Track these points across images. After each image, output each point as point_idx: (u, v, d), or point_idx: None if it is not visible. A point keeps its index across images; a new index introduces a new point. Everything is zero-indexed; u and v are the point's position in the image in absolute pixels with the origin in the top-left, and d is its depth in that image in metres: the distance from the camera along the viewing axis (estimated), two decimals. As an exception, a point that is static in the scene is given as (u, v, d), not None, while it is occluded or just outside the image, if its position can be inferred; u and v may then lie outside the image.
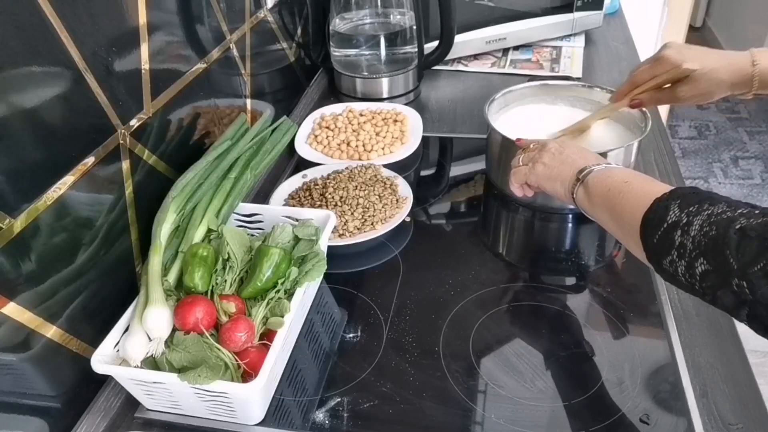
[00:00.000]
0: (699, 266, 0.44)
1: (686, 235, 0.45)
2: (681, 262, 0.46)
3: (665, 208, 0.48)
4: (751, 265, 0.40)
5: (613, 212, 0.57)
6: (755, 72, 0.72)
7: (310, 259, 0.67)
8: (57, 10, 0.54)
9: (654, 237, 0.49)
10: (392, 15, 1.17)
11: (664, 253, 0.47)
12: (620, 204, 0.55)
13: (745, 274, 0.41)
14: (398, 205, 0.84)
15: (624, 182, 0.57)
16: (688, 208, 0.47)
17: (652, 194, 0.51)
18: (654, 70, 0.76)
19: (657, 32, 2.12)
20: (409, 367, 0.65)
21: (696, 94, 0.75)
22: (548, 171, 0.68)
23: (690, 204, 0.47)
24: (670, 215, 0.47)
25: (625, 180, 0.57)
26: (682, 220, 0.46)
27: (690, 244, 0.45)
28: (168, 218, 0.67)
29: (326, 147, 1.00)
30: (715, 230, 0.43)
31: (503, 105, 0.95)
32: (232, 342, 0.57)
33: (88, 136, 0.61)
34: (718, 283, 0.43)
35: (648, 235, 0.50)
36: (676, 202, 0.48)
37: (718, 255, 0.43)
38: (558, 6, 1.31)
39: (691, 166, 2.65)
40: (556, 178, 0.67)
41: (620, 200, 0.55)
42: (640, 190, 0.54)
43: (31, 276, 0.54)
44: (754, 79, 0.72)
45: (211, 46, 0.85)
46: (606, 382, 0.62)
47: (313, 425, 0.60)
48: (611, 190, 0.57)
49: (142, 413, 0.62)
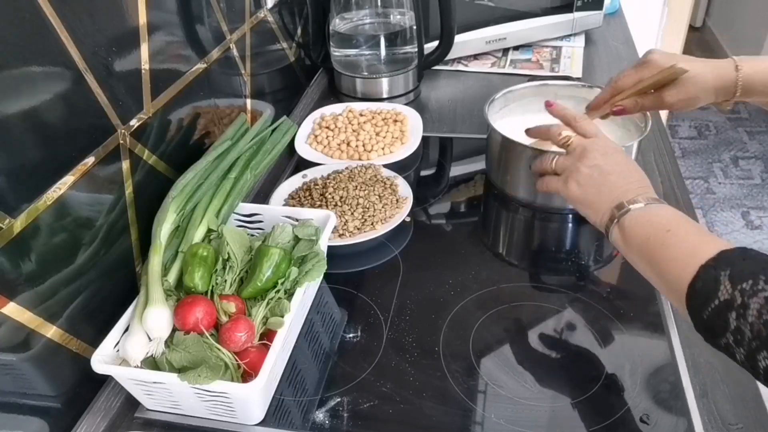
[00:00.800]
0: (763, 360, 0.41)
1: (743, 320, 0.41)
2: (739, 349, 0.42)
3: (714, 281, 0.44)
4: None
5: (652, 265, 0.52)
6: (738, 77, 0.71)
7: (310, 259, 0.67)
8: (57, 10, 0.54)
9: (704, 312, 0.45)
10: (392, 15, 1.17)
11: (718, 332, 0.44)
12: (661, 259, 0.51)
13: None
14: (398, 205, 0.84)
15: (666, 231, 0.52)
16: (740, 284, 0.42)
17: (697, 254, 0.47)
18: (641, 73, 0.75)
19: (657, 32, 2.12)
20: (409, 367, 0.65)
21: (683, 98, 0.73)
22: (582, 194, 0.62)
23: (742, 278, 0.43)
24: (721, 291, 0.43)
25: (667, 228, 0.52)
26: (737, 300, 0.42)
27: (749, 332, 0.41)
28: (168, 218, 0.67)
29: (326, 147, 1.00)
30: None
31: (503, 105, 0.95)
32: (232, 342, 0.57)
33: (88, 136, 0.61)
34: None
35: (696, 309, 0.46)
36: (725, 273, 0.44)
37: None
38: (558, 6, 1.31)
39: (691, 166, 2.65)
40: (590, 205, 0.61)
41: (661, 254, 0.51)
42: (683, 245, 0.49)
43: (31, 276, 0.54)
44: (738, 85, 0.71)
45: (211, 46, 0.85)
46: (606, 382, 0.62)
47: (313, 425, 0.60)
48: (650, 240, 0.52)
49: (142, 413, 0.62)
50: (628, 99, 0.77)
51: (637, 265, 0.56)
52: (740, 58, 0.72)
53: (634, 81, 0.76)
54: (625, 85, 0.77)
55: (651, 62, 0.74)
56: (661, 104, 0.75)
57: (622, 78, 0.77)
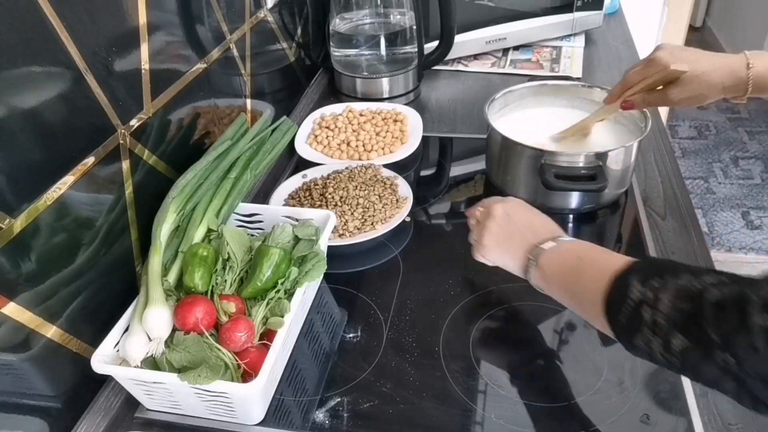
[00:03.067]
0: (677, 343, 0.42)
1: (657, 312, 0.43)
2: (656, 340, 0.44)
3: (626, 285, 0.46)
4: (734, 337, 0.39)
5: (573, 294, 0.55)
6: (750, 75, 0.70)
7: (310, 259, 0.67)
8: (57, 10, 0.54)
9: (621, 316, 0.47)
10: (392, 15, 1.17)
11: (635, 331, 0.45)
12: (579, 285, 0.54)
13: (729, 346, 0.39)
14: (398, 205, 0.84)
15: (577, 259, 0.55)
16: (649, 281, 0.45)
17: (609, 271, 0.49)
18: (645, 71, 0.75)
19: (657, 32, 2.12)
20: (409, 367, 0.65)
21: (687, 96, 0.73)
22: (498, 248, 0.64)
23: (650, 277, 0.45)
24: (633, 291, 0.46)
25: (578, 257, 0.55)
26: (648, 295, 0.44)
27: (664, 321, 0.43)
28: (168, 218, 0.67)
29: (326, 147, 1.00)
30: (688, 304, 0.42)
31: (503, 105, 0.95)
32: (232, 342, 0.57)
33: (88, 136, 0.61)
34: (700, 357, 0.41)
35: (614, 315, 0.48)
36: (635, 277, 0.46)
37: (696, 329, 0.41)
38: (558, 6, 1.31)
39: (691, 166, 2.65)
40: (506, 254, 0.64)
41: (577, 280, 0.54)
42: (595, 266, 0.52)
43: (31, 276, 0.54)
44: (749, 82, 0.70)
45: (211, 46, 0.85)
46: (606, 382, 0.62)
47: (313, 425, 0.60)
48: (566, 270, 0.56)
49: (142, 413, 0.62)
50: (636, 95, 0.78)
51: (560, 298, 0.58)
52: (752, 54, 0.71)
53: (639, 78, 0.76)
54: (633, 80, 0.77)
55: (655, 60, 0.74)
56: (666, 101, 0.75)
57: (631, 74, 0.78)
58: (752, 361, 0.38)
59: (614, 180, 0.83)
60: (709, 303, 0.41)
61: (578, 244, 0.59)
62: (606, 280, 0.49)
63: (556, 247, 0.58)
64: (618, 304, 0.47)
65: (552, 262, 0.58)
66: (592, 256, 0.55)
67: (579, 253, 0.56)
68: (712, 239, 2.23)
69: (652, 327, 0.44)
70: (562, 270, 0.56)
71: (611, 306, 0.48)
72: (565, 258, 0.57)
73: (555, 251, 0.58)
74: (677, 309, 0.43)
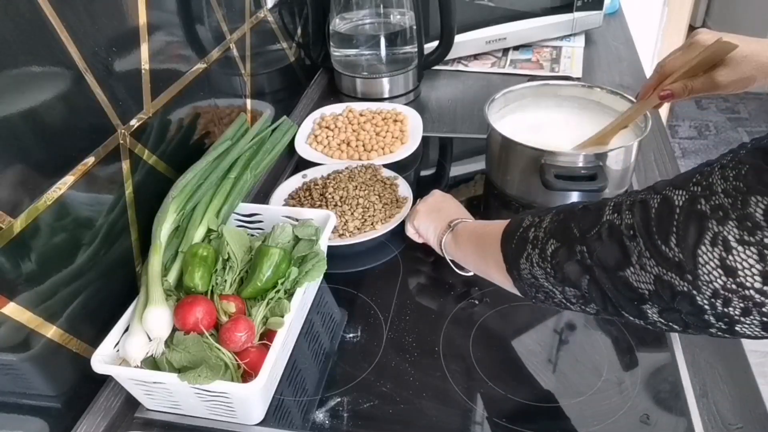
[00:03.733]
0: (549, 247, 0.47)
1: (539, 229, 0.49)
2: (534, 252, 0.49)
3: (520, 219, 0.53)
4: (589, 231, 0.44)
5: (477, 246, 0.62)
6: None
7: (310, 259, 0.67)
8: (57, 10, 0.54)
9: (512, 243, 0.52)
10: (392, 15, 1.17)
11: (521, 252, 0.51)
12: (483, 237, 0.60)
13: (584, 239, 0.44)
14: (398, 205, 0.84)
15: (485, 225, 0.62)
16: (538, 215, 0.51)
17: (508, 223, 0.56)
18: (686, 55, 0.70)
19: (657, 32, 2.12)
20: (409, 367, 0.65)
21: (737, 78, 0.67)
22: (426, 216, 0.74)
23: (540, 214, 0.51)
24: (525, 221, 0.52)
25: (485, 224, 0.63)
26: (535, 220, 0.51)
27: (542, 234, 0.49)
28: (168, 218, 0.67)
29: (326, 147, 1.00)
30: (563, 215, 0.48)
31: (503, 105, 0.95)
32: (232, 342, 0.57)
33: (88, 136, 0.61)
34: (565, 255, 0.46)
35: (506, 244, 0.53)
36: (529, 213, 0.53)
37: (566, 230, 0.47)
38: (558, 6, 1.31)
39: (691, 166, 2.62)
40: (431, 222, 0.73)
41: (483, 234, 0.60)
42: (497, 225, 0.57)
43: (31, 276, 0.54)
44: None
45: (211, 46, 0.85)
46: (606, 382, 0.62)
47: (313, 425, 0.60)
48: (476, 230, 0.64)
49: (142, 413, 0.62)
50: (676, 83, 0.72)
51: (465, 258, 0.66)
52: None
53: (681, 63, 0.71)
54: (672, 68, 0.72)
55: (697, 42, 0.70)
56: (713, 86, 0.69)
57: (669, 61, 0.73)
58: (599, 250, 0.43)
59: (614, 180, 0.83)
60: (579, 208, 0.47)
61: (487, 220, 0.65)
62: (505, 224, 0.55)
63: (472, 222, 0.68)
64: (511, 234, 0.53)
65: (465, 229, 0.66)
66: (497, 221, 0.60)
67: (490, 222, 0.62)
68: (712, 239, 2.23)
69: (533, 242, 0.49)
70: (473, 232, 0.64)
71: (506, 240, 0.54)
72: (476, 225, 0.66)
73: (470, 223, 0.68)
74: (554, 220, 0.49)
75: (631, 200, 0.43)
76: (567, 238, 0.46)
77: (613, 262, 0.42)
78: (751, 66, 0.68)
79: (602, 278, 0.43)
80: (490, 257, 0.56)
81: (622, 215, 0.42)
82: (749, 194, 0.35)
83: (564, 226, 0.47)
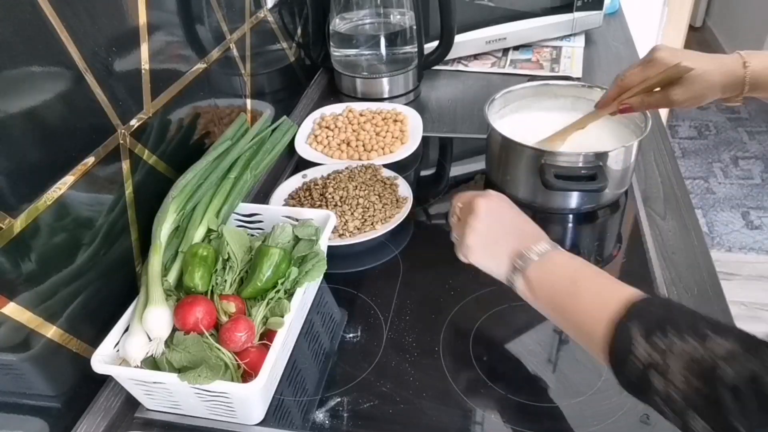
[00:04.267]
0: (699, 426, 0.40)
1: (669, 384, 0.41)
2: (671, 414, 0.42)
3: (628, 339, 0.44)
4: (760, 427, 0.38)
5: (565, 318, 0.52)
6: (746, 74, 0.70)
7: (310, 259, 0.67)
8: (57, 10, 0.54)
9: (626, 374, 0.45)
10: (392, 15, 1.17)
11: (646, 393, 0.44)
12: (573, 311, 0.51)
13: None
14: (398, 205, 0.84)
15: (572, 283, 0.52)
16: (652, 338, 0.43)
17: (606, 307, 0.47)
18: (646, 72, 0.74)
19: (657, 32, 2.12)
20: (409, 367, 0.65)
21: (690, 96, 0.72)
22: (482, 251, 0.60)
23: (651, 331, 0.43)
24: (637, 349, 0.43)
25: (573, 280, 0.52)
26: (656, 359, 0.42)
27: (680, 399, 0.41)
28: (168, 218, 0.67)
29: (326, 147, 1.00)
30: (701, 384, 0.40)
31: (503, 105, 0.95)
32: (232, 342, 0.57)
33: (88, 136, 0.61)
34: None
35: (619, 369, 0.46)
36: (636, 328, 0.44)
37: (719, 417, 0.39)
38: (558, 6, 1.31)
39: (691, 166, 2.65)
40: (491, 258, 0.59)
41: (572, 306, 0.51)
42: (591, 297, 0.50)
43: (31, 276, 0.54)
44: (746, 81, 0.71)
45: (211, 46, 0.85)
46: (606, 382, 0.62)
47: (313, 425, 0.60)
48: (558, 292, 0.53)
49: (142, 413, 0.62)
50: (634, 97, 0.77)
51: (549, 316, 0.55)
52: (747, 53, 0.71)
53: (639, 79, 0.75)
54: (631, 83, 0.76)
55: (656, 60, 0.73)
56: (667, 102, 0.74)
57: (628, 76, 0.77)
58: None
59: (614, 180, 0.83)
60: (726, 388, 0.39)
61: (569, 259, 0.55)
62: (605, 321, 0.47)
63: (546, 260, 0.55)
64: (622, 359, 0.45)
65: (542, 279, 0.54)
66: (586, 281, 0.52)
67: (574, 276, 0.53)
68: (712, 239, 2.23)
69: (665, 399, 0.42)
70: (555, 293, 0.53)
71: (615, 359, 0.46)
72: (558, 278, 0.53)
73: (545, 265, 0.55)
74: (692, 387, 0.40)
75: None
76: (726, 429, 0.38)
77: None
78: (703, 86, 0.72)
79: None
80: (590, 348, 0.49)
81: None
82: None
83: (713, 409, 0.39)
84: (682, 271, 0.75)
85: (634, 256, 0.78)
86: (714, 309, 0.69)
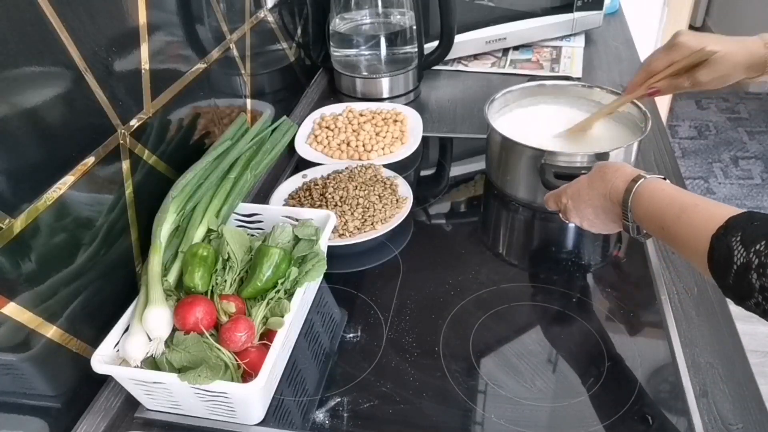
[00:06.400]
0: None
1: (765, 278, 0.44)
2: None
3: (728, 248, 0.47)
4: None
5: (671, 238, 0.56)
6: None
7: (310, 259, 0.67)
8: (57, 10, 0.54)
9: (727, 279, 0.48)
10: (392, 15, 1.17)
11: (746, 295, 0.46)
12: (677, 233, 0.55)
13: None
14: (398, 205, 0.84)
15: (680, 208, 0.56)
16: (753, 245, 0.45)
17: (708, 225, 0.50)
18: (671, 56, 0.77)
19: (657, 32, 2.12)
20: (409, 367, 0.65)
21: (715, 77, 0.75)
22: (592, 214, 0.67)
23: (752, 240, 0.46)
24: (736, 255, 0.46)
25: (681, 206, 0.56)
26: (753, 261, 0.45)
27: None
28: (168, 218, 0.67)
29: (326, 147, 1.00)
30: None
31: (503, 105, 0.95)
32: (232, 342, 0.57)
33: (88, 136, 0.61)
34: None
35: (720, 277, 0.49)
36: (736, 238, 0.47)
37: None
38: (558, 6, 1.31)
39: (691, 166, 2.65)
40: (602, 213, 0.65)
41: (677, 229, 0.55)
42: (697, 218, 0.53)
43: (31, 276, 0.54)
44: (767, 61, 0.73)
45: (211, 46, 0.85)
46: (606, 382, 0.62)
47: (313, 425, 0.60)
48: (666, 215, 0.57)
49: (142, 413, 0.62)
50: (662, 81, 0.79)
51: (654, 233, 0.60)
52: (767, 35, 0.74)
53: (665, 64, 0.78)
54: (657, 68, 0.79)
55: (681, 45, 0.75)
56: (694, 84, 0.77)
57: (654, 61, 0.79)
58: None
59: (614, 180, 0.83)
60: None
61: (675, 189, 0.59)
62: (706, 238, 0.50)
63: (655, 183, 0.61)
64: (723, 267, 0.48)
65: (652, 200, 0.59)
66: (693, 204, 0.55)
67: (683, 199, 0.57)
68: (712, 239, 2.23)
69: (763, 292, 0.45)
70: (663, 214, 0.57)
71: (716, 269, 0.49)
72: (666, 202, 0.58)
73: (654, 187, 0.60)
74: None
75: None
76: None
77: None
78: (728, 66, 0.74)
79: None
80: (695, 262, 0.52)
81: None
82: None
83: None
84: (682, 271, 0.75)
85: (634, 256, 0.78)
86: (714, 308, 0.69)
